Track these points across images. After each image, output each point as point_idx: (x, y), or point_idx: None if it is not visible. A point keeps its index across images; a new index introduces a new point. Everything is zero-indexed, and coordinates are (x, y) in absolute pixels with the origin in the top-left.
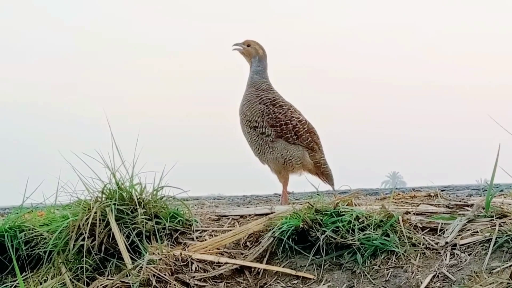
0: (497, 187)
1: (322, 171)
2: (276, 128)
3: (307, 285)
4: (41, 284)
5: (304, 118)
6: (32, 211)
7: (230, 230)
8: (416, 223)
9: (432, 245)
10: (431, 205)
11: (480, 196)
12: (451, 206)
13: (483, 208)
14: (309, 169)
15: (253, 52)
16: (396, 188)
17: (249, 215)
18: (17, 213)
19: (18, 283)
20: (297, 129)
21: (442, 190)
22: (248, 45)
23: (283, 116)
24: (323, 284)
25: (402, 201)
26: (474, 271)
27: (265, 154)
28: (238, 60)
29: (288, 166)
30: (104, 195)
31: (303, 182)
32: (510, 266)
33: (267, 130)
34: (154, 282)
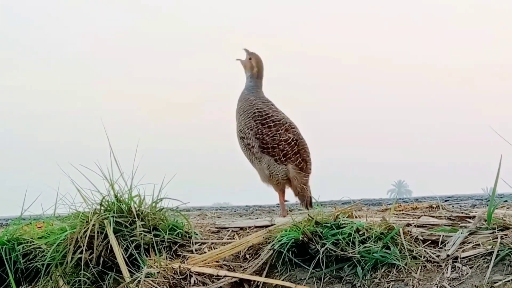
0: (501, 197)
1: (300, 190)
2: (263, 148)
3: None
4: None
5: (296, 136)
6: (30, 223)
7: (230, 243)
8: (417, 236)
9: (433, 258)
10: (433, 216)
11: (484, 206)
12: (453, 218)
13: (485, 220)
14: (291, 185)
15: (248, 67)
16: (399, 199)
17: (249, 227)
18: (16, 225)
19: None
20: (285, 152)
21: (445, 201)
22: (250, 58)
23: (270, 140)
24: None
25: (403, 213)
26: (475, 285)
27: (254, 164)
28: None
29: (273, 179)
30: (102, 207)
31: None
32: (511, 279)
33: (252, 142)
34: None
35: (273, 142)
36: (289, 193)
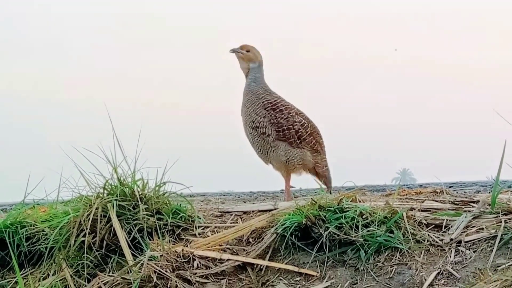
0: (506, 182)
1: (321, 172)
2: (279, 133)
3: (310, 282)
4: (42, 280)
5: (306, 120)
6: (34, 206)
7: (233, 227)
8: (420, 220)
9: (436, 242)
10: (437, 201)
11: (488, 192)
12: (457, 203)
13: (489, 205)
14: (309, 170)
15: (252, 58)
16: (403, 185)
17: (252, 212)
18: (19, 209)
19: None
20: (299, 133)
21: (449, 187)
22: (247, 50)
23: (285, 121)
24: (326, 281)
25: (407, 198)
26: (479, 268)
27: (267, 154)
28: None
29: (289, 166)
30: (105, 191)
31: (309, 179)
32: None
33: (268, 130)
34: (155, 279)
35: (287, 123)
36: (298, 181)
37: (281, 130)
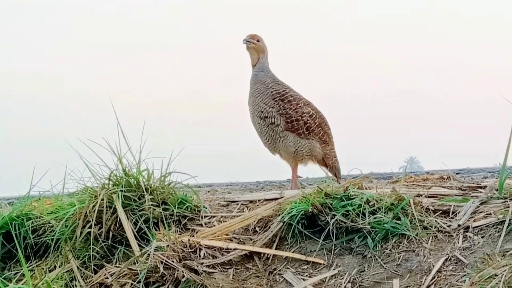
0: None
1: (331, 163)
2: (288, 124)
3: (317, 270)
4: (49, 272)
5: (315, 111)
6: (39, 199)
7: (239, 216)
8: (428, 206)
9: (444, 228)
10: (444, 187)
11: (495, 178)
12: (464, 188)
13: (496, 190)
14: (318, 160)
15: (264, 48)
16: (410, 172)
17: (259, 200)
18: (25, 202)
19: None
20: (308, 124)
21: (457, 173)
22: (258, 40)
23: (294, 112)
24: (334, 269)
25: (414, 184)
26: (487, 254)
27: (276, 144)
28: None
29: (298, 156)
30: (111, 182)
31: (316, 168)
32: None
33: (277, 120)
34: (161, 269)
35: (296, 114)
36: (304, 170)
37: (290, 121)
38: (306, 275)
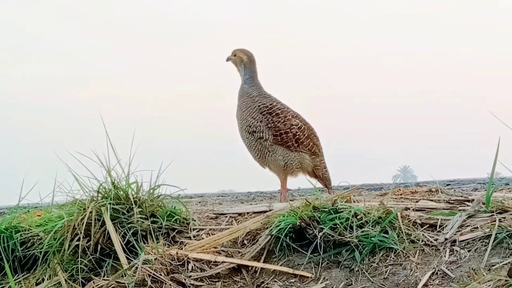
0: (502, 179)
1: (321, 174)
2: (276, 137)
3: (305, 284)
4: (36, 285)
5: (303, 122)
6: (28, 211)
7: (228, 229)
8: (415, 219)
9: (431, 242)
10: (431, 200)
11: (484, 190)
12: (452, 202)
13: (484, 203)
14: (308, 172)
15: (237, 61)
16: (402, 183)
17: (247, 213)
18: (14, 213)
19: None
20: (297, 137)
21: (447, 185)
22: (234, 55)
23: (282, 125)
24: (321, 283)
25: (402, 197)
26: (473, 268)
27: (265, 158)
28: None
29: (288, 169)
30: (99, 195)
31: (307, 178)
32: (508, 262)
33: (265, 135)
34: (149, 282)
35: (285, 127)
36: (296, 181)
37: (278, 134)
38: None
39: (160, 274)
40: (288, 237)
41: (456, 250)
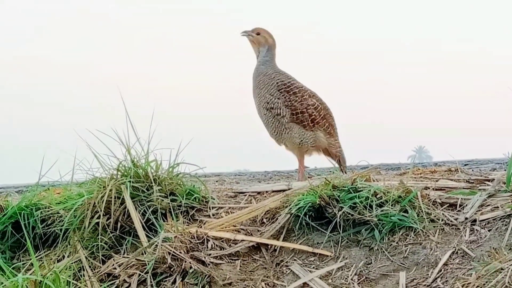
0: None
1: (335, 153)
2: (293, 116)
3: (324, 262)
4: (57, 262)
5: (319, 102)
6: (48, 189)
7: (247, 207)
8: (435, 199)
9: (451, 221)
10: (451, 180)
11: (504, 170)
12: (472, 181)
13: (504, 183)
14: (323, 151)
15: (262, 41)
16: (419, 163)
17: (266, 192)
18: (34, 191)
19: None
20: (313, 117)
21: (465, 165)
22: (258, 33)
23: (299, 104)
24: (340, 261)
25: (421, 176)
26: (494, 248)
27: (281, 135)
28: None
29: (303, 147)
30: (119, 173)
31: (324, 158)
32: None
33: (282, 111)
34: (169, 260)
35: (301, 106)
36: (313, 160)
37: (295, 113)
38: (313, 267)
39: (180, 252)
40: (307, 216)
41: (476, 230)
